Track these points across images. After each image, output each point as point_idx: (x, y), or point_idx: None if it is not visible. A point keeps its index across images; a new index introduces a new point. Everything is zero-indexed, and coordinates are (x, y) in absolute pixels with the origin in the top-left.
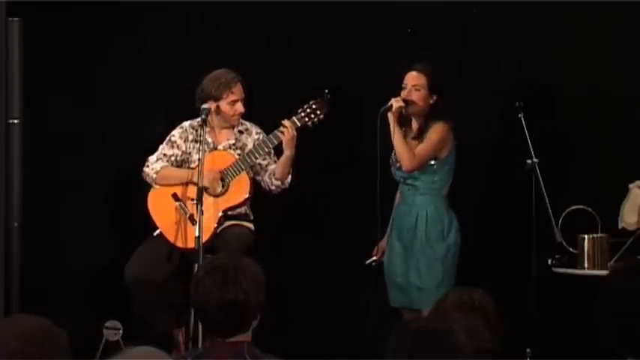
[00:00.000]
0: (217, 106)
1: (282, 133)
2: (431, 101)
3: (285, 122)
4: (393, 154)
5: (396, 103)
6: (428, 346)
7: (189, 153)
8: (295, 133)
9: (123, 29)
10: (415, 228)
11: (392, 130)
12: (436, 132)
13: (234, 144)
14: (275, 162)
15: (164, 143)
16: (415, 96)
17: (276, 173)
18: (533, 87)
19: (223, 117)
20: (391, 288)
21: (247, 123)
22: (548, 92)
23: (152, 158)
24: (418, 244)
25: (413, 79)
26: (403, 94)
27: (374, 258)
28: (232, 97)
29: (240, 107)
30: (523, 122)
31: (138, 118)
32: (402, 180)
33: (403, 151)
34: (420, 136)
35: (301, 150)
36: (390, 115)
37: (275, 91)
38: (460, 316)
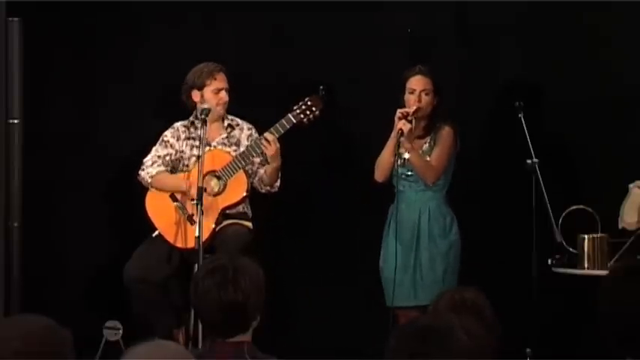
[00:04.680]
0: (201, 95)
1: (265, 147)
2: (435, 102)
3: (268, 136)
4: (392, 156)
5: (405, 127)
6: (429, 346)
7: (183, 151)
8: (278, 146)
9: (122, 29)
10: (418, 224)
11: (408, 151)
12: (447, 138)
13: (226, 138)
14: (264, 166)
15: (157, 144)
16: (425, 101)
17: (263, 180)
18: (533, 87)
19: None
20: (389, 288)
21: (237, 119)
22: (548, 92)
23: (147, 162)
24: (422, 240)
25: (422, 83)
26: (413, 98)
27: None
28: (216, 85)
29: (224, 95)
30: (523, 122)
31: (138, 118)
32: (404, 176)
33: (425, 168)
34: (425, 135)
35: (300, 149)
36: (403, 140)
37: (274, 90)
38: (453, 315)
